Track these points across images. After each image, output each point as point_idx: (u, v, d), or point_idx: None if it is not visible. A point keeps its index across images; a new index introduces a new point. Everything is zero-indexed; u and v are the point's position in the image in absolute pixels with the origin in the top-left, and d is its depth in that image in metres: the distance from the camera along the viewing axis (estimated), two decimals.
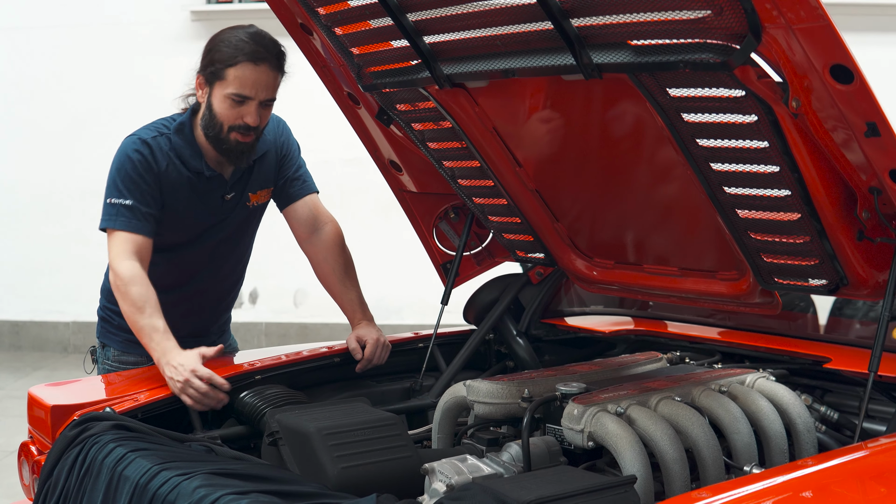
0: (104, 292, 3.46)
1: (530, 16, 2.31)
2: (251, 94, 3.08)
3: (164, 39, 8.79)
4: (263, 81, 3.07)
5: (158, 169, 3.17)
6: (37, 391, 2.95)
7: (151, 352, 2.99)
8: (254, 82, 3.06)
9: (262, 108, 3.12)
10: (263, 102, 3.11)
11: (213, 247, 3.35)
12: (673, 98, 2.30)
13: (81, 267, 8.91)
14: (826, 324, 3.39)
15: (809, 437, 2.62)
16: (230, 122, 3.11)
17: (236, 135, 3.12)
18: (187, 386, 2.86)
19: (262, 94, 3.09)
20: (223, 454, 2.60)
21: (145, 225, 3.14)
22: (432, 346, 3.39)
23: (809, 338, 3.25)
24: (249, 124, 3.10)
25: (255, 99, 3.08)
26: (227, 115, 3.10)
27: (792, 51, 2.02)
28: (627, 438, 2.35)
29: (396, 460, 2.47)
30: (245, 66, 3.05)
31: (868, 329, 3.28)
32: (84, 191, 8.89)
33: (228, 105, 3.09)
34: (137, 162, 3.15)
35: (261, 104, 3.11)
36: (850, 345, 3.13)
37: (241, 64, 3.05)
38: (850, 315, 3.33)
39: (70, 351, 9.08)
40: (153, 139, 3.19)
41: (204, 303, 3.46)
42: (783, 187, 2.32)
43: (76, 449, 2.59)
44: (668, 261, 2.90)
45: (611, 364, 2.96)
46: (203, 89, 3.16)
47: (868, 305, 3.27)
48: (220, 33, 3.14)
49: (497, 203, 3.12)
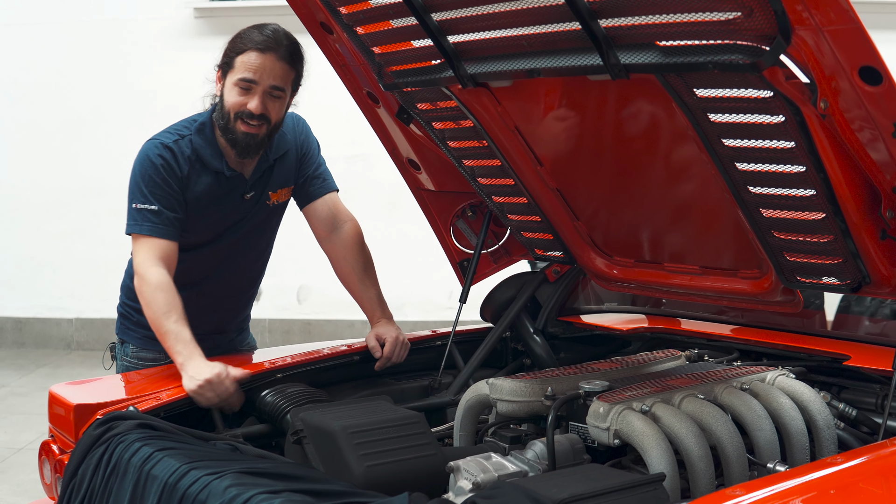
0: (124, 289, 3.47)
1: (558, 16, 2.31)
2: (256, 79, 3.10)
3: (168, 37, 8.80)
4: (269, 68, 3.10)
5: (181, 173, 3.19)
6: (58, 390, 2.95)
7: (175, 356, 2.98)
8: (258, 67, 3.09)
9: (269, 97, 3.13)
10: (270, 92, 3.13)
11: (234, 245, 3.36)
12: (700, 98, 2.31)
13: (83, 263, 8.94)
14: (841, 321, 3.41)
15: (830, 434, 2.64)
16: (235, 110, 3.13)
17: (241, 124, 3.13)
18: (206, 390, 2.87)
19: (268, 80, 3.11)
20: (248, 453, 2.60)
21: (171, 230, 3.15)
22: (451, 345, 3.40)
23: (825, 335, 3.26)
24: (252, 111, 3.11)
25: (261, 84, 3.11)
26: (233, 103, 3.14)
27: (821, 52, 2.03)
28: (654, 436, 2.36)
29: (421, 458, 2.48)
30: (251, 52, 3.10)
31: (883, 326, 3.30)
32: (86, 187, 8.91)
33: (236, 93, 3.13)
34: (161, 167, 3.16)
35: (267, 94, 3.12)
36: (864, 342, 3.14)
37: (247, 51, 3.11)
38: (865, 312, 3.35)
39: (73, 347, 9.09)
40: (175, 143, 3.20)
41: (223, 300, 3.46)
42: (808, 187, 2.33)
43: (101, 448, 2.59)
44: (689, 259, 2.91)
45: (631, 362, 2.97)
46: (219, 83, 3.20)
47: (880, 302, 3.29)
48: (241, 30, 3.18)
49: (517, 201, 3.13)
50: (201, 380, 2.86)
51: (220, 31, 8.37)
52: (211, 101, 3.29)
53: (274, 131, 3.21)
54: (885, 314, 3.33)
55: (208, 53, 3.35)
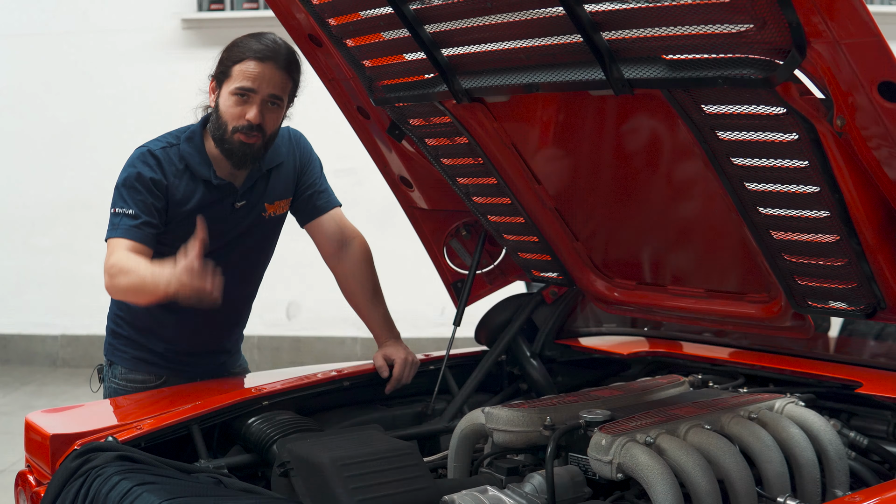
0: (114, 300, 3.35)
1: (558, 28, 2.21)
2: (254, 87, 3.03)
3: (155, 48, 8.70)
4: (268, 76, 3.03)
5: (167, 181, 3.12)
6: (35, 418, 2.83)
7: (161, 291, 2.83)
8: (257, 76, 3.02)
9: (266, 107, 3.06)
10: (268, 101, 3.05)
11: (232, 260, 3.25)
12: (708, 115, 2.21)
13: (69, 279, 8.82)
14: (847, 344, 3.30)
15: (841, 464, 2.53)
16: (234, 122, 3.06)
17: (240, 136, 3.06)
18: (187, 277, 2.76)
19: (266, 89, 3.03)
20: (232, 486, 2.50)
21: (146, 234, 3.07)
22: (444, 369, 3.29)
23: (832, 359, 3.15)
24: (251, 121, 3.04)
25: (259, 94, 3.03)
26: (231, 114, 3.06)
27: (838, 66, 1.93)
28: (659, 470, 2.25)
29: (413, 492, 2.39)
30: (249, 61, 3.03)
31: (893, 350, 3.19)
32: (72, 202, 8.80)
33: (233, 102, 3.05)
34: (144, 173, 3.09)
35: (265, 103, 3.05)
36: (873, 367, 3.04)
37: (245, 60, 3.03)
38: (872, 335, 3.24)
39: (59, 365, 8.96)
40: (162, 150, 3.14)
41: (217, 317, 3.33)
42: (822, 208, 2.23)
43: (78, 481, 2.48)
44: (693, 281, 2.81)
45: (633, 389, 2.86)
46: (213, 93, 3.12)
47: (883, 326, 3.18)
48: (236, 39, 3.11)
49: (513, 221, 3.03)
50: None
51: (208, 42, 8.30)
52: (203, 111, 3.22)
53: (270, 141, 3.14)
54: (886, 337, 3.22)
55: (196, 64, 3.28)
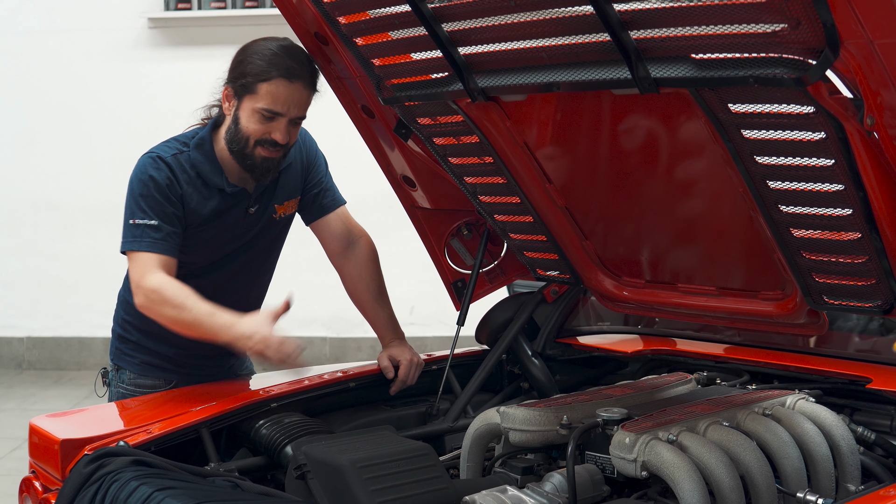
0: (123, 304, 3.30)
1: (586, 27, 2.20)
2: (283, 111, 2.95)
3: (121, 47, 8.57)
4: (296, 99, 2.95)
5: (181, 190, 3.04)
6: (40, 423, 2.78)
7: (216, 337, 2.87)
8: (286, 99, 2.94)
9: (291, 125, 3.00)
10: (293, 120, 3.00)
11: (243, 263, 3.22)
12: (734, 114, 2.21)
13: (35, 280, 8.71)
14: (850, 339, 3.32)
15: (853, 459, 2.55)
16: (257, 137, 2.99)
17: (262, 150, 3.00)
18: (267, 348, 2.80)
19: (294, 112, 2.97)
20: (250, 489, 2.48)
21: (171, 245, 3.01)
22: (448, 370, 3.27)
23: (836, 355, 3.16)
24: (277, 141, 2.98)
25: (286, 116, 2.97)
26: (254, 130, 2.98)
27: (870, 66, 1.94)
28: (685, 468, 2.25)
29: (433, 493, 2.37)
30: (279, 81, 2.93)
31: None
32: (38, 202, 8.69)
33: (257, 119, 2.97)
34: (159, 181, 3.01)
35: (290, 122, 2.99)
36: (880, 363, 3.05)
37: (275, 80, 2.93)
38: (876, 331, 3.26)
39: (24, 367, 8.84)
40: (173, 157, 3.06)
41: None
42: (845, 206, 2.24)
43: (93, 487, 2.44)
44: (705, 279, 2.81)
45: (643, 387, 2.86)
46: (230, 101, 3.03)
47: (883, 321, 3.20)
48: (253, 44, 3.01)
49: (521, 220, 3.01)
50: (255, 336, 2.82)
51: (174, 41, 8.21)
52: (208, 113, 3.15)
53: (287, 152, 3.09)
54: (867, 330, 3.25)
55: (163, 65, 3.21)
